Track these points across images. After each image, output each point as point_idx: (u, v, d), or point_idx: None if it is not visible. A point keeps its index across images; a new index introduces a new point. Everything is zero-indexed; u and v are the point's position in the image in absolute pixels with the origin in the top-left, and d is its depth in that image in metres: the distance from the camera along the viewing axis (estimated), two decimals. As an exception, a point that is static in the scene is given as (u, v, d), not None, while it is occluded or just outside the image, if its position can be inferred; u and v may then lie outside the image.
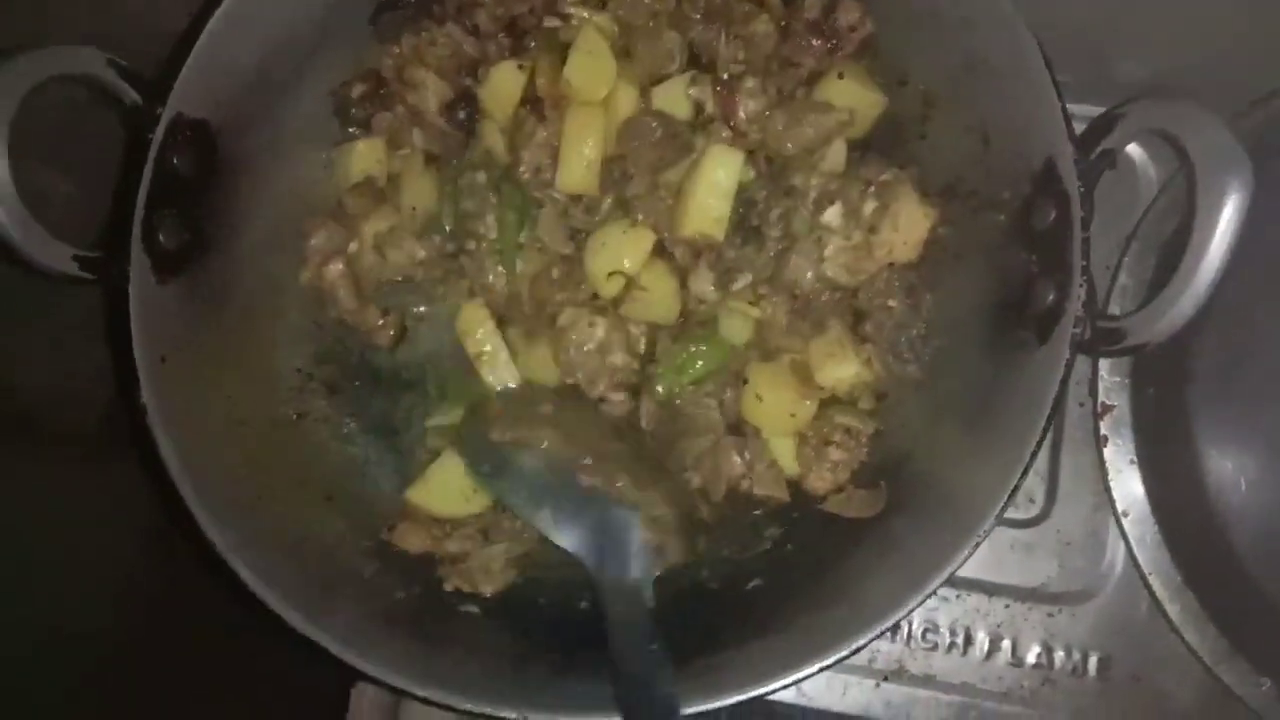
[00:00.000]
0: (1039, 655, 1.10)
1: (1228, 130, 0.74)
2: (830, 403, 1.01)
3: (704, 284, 1.01)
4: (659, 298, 1.01)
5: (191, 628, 1.30)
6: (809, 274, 0.98)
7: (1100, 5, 1.08)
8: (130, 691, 1.26)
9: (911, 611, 0.81)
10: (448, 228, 1.04)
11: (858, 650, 0.81)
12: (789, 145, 0.99)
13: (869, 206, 0.99)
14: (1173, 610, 1.00)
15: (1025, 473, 0.82)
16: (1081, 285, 0.82)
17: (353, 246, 1.04)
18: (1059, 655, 1.10)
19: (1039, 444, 0.81)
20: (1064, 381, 0.82)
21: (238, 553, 0.85)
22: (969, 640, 1.11)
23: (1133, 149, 1.17)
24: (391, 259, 1.03)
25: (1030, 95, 0.87)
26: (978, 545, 0.81)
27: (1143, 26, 1.10)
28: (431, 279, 1.06)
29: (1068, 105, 0.85)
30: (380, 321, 1.06)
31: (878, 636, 0.81)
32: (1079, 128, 0.85)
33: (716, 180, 0.98)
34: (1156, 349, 0.81)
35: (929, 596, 0.81)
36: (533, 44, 1.02)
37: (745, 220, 1.00)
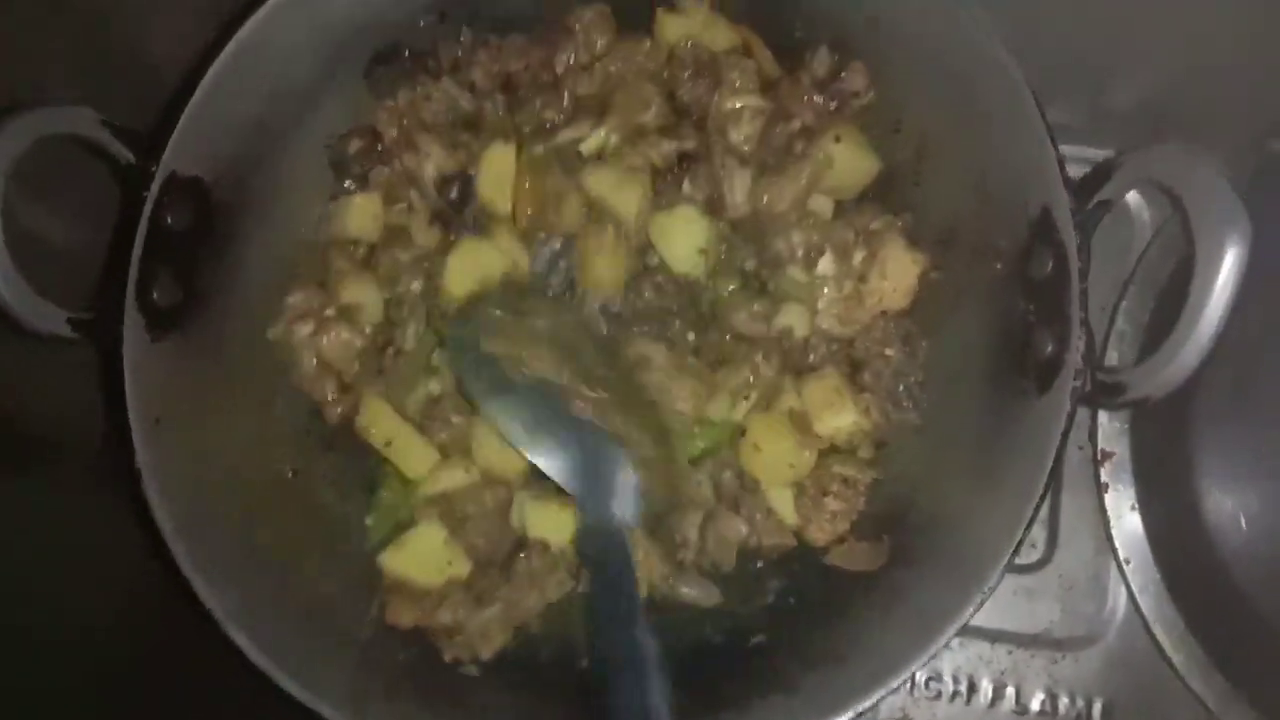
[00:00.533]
0: (1043, 702, 1.09)
1: (1225, 182, 0.74)
2: (829, 452, 1.01)
3: None
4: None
5: (181, 671, 1.28)
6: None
7: (1095, 33, 1.09)
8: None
9: (918, 669, 0.81)
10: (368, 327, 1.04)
11: (863, 713, 0.80)
12: (778, 205, 0.99)
13: (858, 256, 0.99)
14: (1177, 659, 0.99)
15: (1029, 526, 0.81)
16: (1080, 337, 0.82)
17: (329, 312, 1.02)
18: (1063, 702, 1.09)
19: (1042, 499, 0.81)
20: (1065, 435, 0.81)
21: (235, 620, 0.84)
22: (973, 688, 1.10)
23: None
24: (323, 345, 1.01)
25: (1025, 143, 0.87)
26: (983, 602, 0.81)
27: (1138, 55, 1.11)
28: (367, 371, 1.04)
29: (1063, 146, 0.84)
30: (331, 396, 1.03)
31: (884, 697, 0.80)
32: (1072, 168, 0.85)
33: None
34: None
35: (936, 654, 0.80)
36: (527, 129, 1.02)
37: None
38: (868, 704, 0.80)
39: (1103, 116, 1.22)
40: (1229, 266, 0.73)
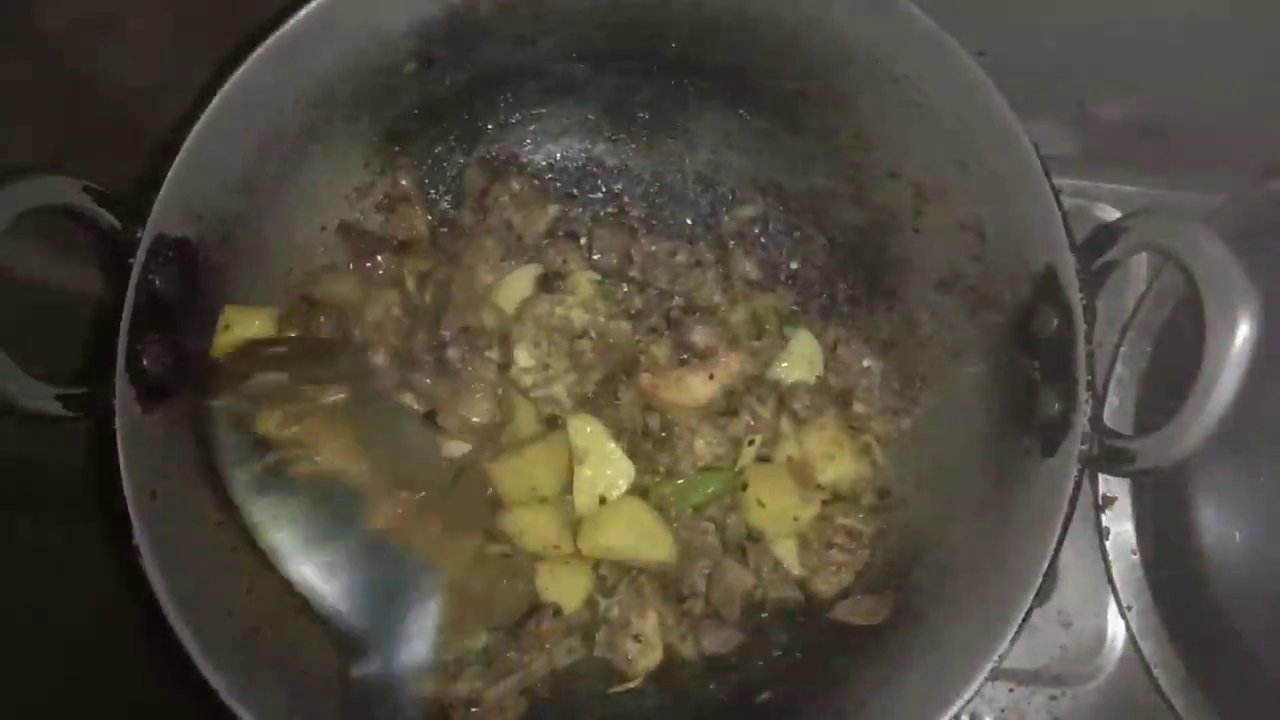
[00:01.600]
0: (1043, 738, 1.10)
1: (1233, 255, 0.74)
2: (832, 502, 1.00)
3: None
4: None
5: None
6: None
7: (1081, 48, 1.08)
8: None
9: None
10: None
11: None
12: None
13: None
14: (1180, 704, 1.00)
15: (1040, 591, 0.81)
16: (1088, 400, 0.82)
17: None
18: (1063, 737, 1.10)
19: (1051, 562, 0.81)
20: (1074, 499, 0.81)
21: (240, 697, 0.82)
22: (974, 726, 1.11)
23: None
24: None
25: (1029, 200, 0.86)
26: (994, 670, 0.81)
27: (1123, 69, 1.11)
28: None
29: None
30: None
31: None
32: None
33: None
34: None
35: (951, 720, 0.81)
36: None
37: None
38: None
39: (1095, 145, 1.21)
40: (1240, 341, 0.73)
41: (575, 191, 1.14)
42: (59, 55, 0.97)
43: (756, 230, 1.12)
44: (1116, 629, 1.11)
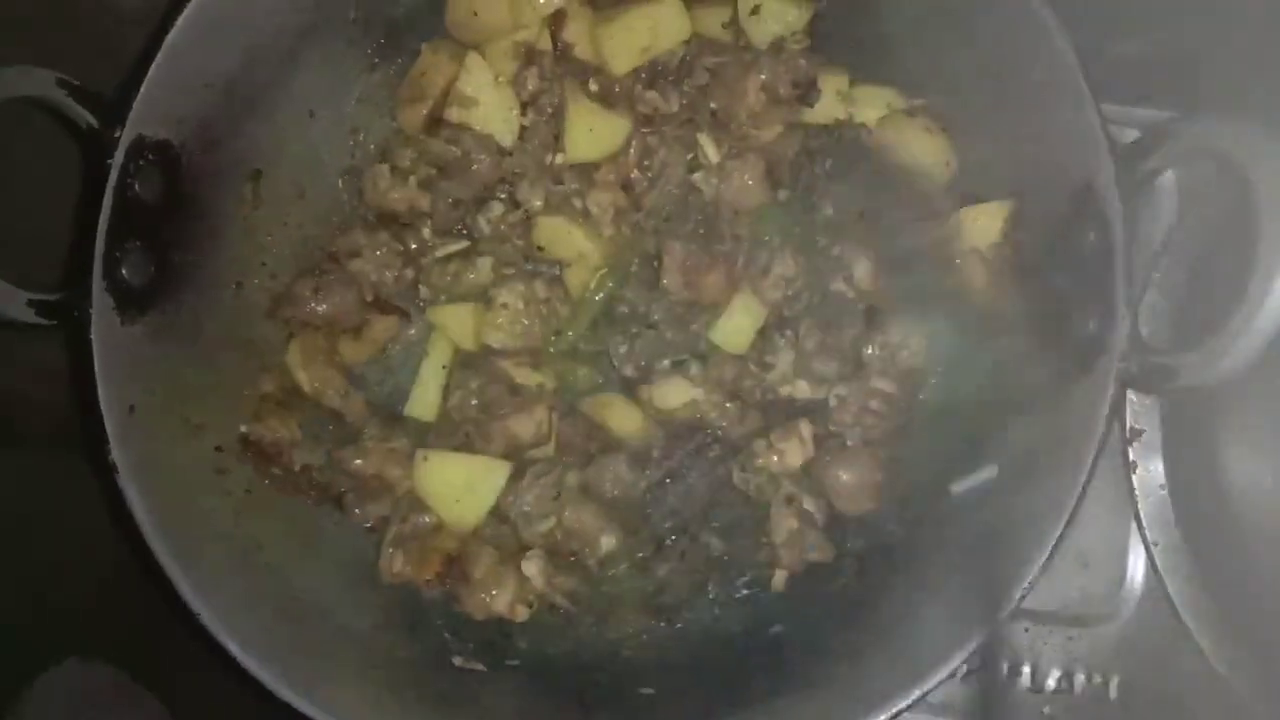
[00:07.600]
0: (1059, 679, 1.06)
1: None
2: None
3: None
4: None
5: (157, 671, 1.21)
6: None
7: None
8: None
9: (951, 672, 0.77)
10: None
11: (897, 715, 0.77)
12: None
13: None
14: (1205, 643, 0.96)
15: (1070, 520, 0.78)
16: (1126, 317, 0.78)
17: None
18: (1080, 679, 1.06)
19: (1084, 491, 0.77)
20: (1109, 420, 0.77)
21: (223, 622, 0.78)
22: (987, 666, 1.07)
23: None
24: None
25: (1067, 109, 0.81)
26: (1024, 597, 0.77)
27: (1140, 6, 1.05)
28: None
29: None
30: None
31: (920, 699, 0.77)
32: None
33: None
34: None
35: (965, 659, 0.77)
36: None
37: None
38: (902, 706, 0.77)
39: (1111, 85, 1.16)
40: (1301, 250, 0.68)
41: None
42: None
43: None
44: (1135, 570, 1.06)
